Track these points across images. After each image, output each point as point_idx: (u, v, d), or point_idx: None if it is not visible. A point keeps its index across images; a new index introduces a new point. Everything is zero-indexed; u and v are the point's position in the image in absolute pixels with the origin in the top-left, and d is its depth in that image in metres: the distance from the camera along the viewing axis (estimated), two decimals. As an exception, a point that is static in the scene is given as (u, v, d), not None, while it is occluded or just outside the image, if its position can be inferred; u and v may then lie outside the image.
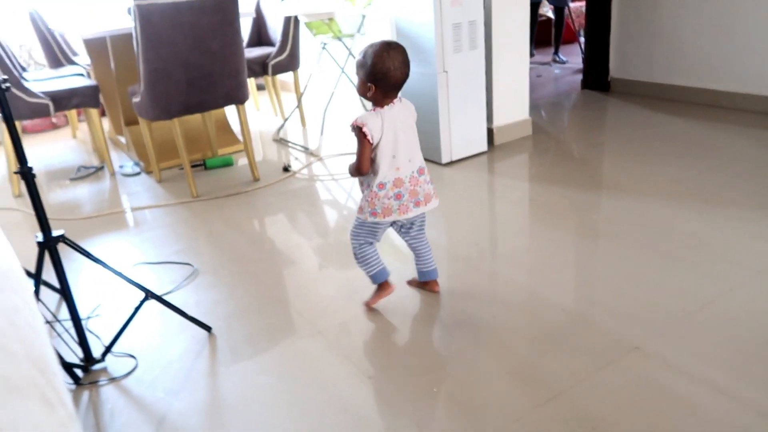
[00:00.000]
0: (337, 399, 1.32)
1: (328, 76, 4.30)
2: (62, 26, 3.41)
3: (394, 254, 2.00)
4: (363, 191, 1.59)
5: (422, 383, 1.34)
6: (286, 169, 2.95)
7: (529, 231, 2.09)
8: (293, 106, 3.90)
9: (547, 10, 5.99)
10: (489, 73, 2.91)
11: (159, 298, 1.52)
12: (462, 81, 2.72)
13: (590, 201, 2.26)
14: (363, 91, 1.51)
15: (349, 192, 2.61)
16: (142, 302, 1.50)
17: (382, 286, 1.67)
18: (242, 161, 3.18)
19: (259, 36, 3.91)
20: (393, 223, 1.65)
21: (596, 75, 3.95)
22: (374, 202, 1.54)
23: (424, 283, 1.74)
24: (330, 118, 3.85)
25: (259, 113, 4.31)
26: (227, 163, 3.11)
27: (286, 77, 4.80)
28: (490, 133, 3.02)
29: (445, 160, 2.80)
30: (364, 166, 1.51)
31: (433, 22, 2.55)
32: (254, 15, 3.22)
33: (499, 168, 2.73)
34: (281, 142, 3.48)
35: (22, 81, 2.78)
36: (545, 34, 6.02)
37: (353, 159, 1.55)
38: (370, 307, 1.69)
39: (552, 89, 4.27)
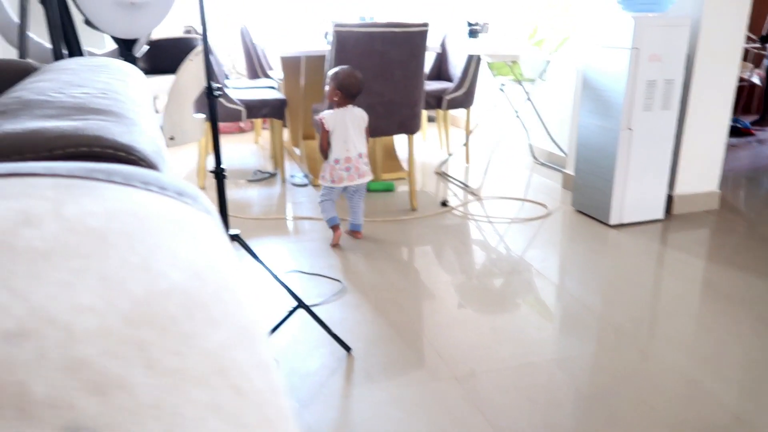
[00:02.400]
0: (464, 454, 1.25)
1: (500, 118, 4.27)
2: (265, 43, 3.76)
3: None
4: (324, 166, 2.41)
5: (559, 462, 1.22)
6: (444, 203, 2.95)
7: (698, 315, 1.86)
8: (460, 142, 3.92)
9: (752, 75, 5.43)
10: (678, 137, 2.68)
11: (309, 311, 1.57)
12: (647, 141, 2.53)
13: (784, 297, 1.96)
14: (331, 97, 2.35)
15: (502, 236, 2.53)
16: (293, 310, 1.56)
17: (334, 228, 2.42)
18: (402, 189, 3.24)
19: (440, 70, 4.00)
20: (345, 189, 2.42)
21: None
22: (332, 173, 2.37)
23: (353, 232, 2.51)
24: (496, 160, 3.81)
25: (425, 144, 4.40)
26: (388, 189, 3.19)
27: (458, 113, 4.85)
28: (669, 200, 2.77)
29: (613, 221, 2.61)
30: (323, 146, 2.37)
31: (626, 76, 2.41)
32: (439, 50, 3.29)
33: (674, 240, 2.49)
34: (443, 176, 3.50)
35: (224, 88, 3.10)
36: (747, 100, 5.46)
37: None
38: (334, 246, 2.41)
39: (750, 162, 3.84)
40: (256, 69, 4.26)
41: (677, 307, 1.93)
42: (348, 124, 2.33)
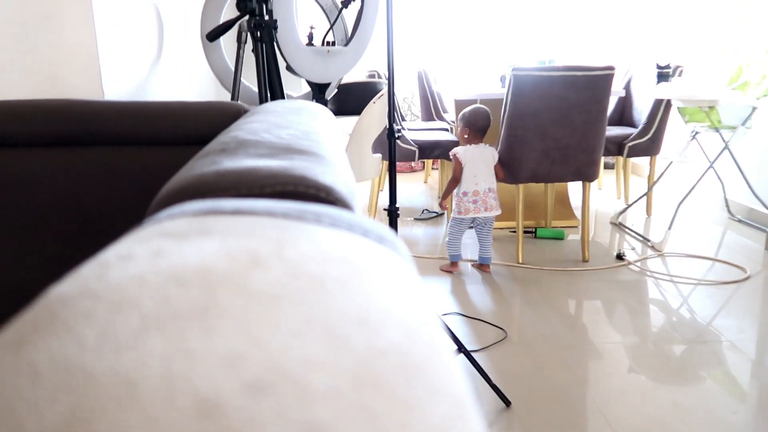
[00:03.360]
0: None
1: (690, 168, 3.90)
2: (441, 86, 3.87)
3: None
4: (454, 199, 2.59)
5: None
6: (620, 257, 2.74)
7: None
8: (640, 192, 3.64)
9: None
10: None
11: (470, 357, 1.53)
12: None
13: None
14: (461, 135, 2.60)
15: (686, 298, 2.26)
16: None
17: (453, 264, 2.60)
18: (572, 237, 3.07)
19: (622, 115, 3.78)
20: (474, 223, 2.57)
21: None
22: (459, 204, 2.54)
23: (480, 266, 2.61)
24: (683, 214, 3.47)
25: (600, 192, 4.15)
26: (558, 236, 3.05)
27: (641, 161, 4.53)
28: None
29: (832, 294, 2.21)
30: (455, 177, 2.56)
31: None
32: (623, 94, 3.11)
33: None
34: (619, 227, 3.26)
35: (401, 129, 3.22)
36: None
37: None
38: (444, 271, 2.60)
39: None
40: (431, 111, 4.39)
41: None
42: (478, 160, 2.53)
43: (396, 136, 1.45)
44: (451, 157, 2.59)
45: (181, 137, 1.07)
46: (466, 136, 2.58)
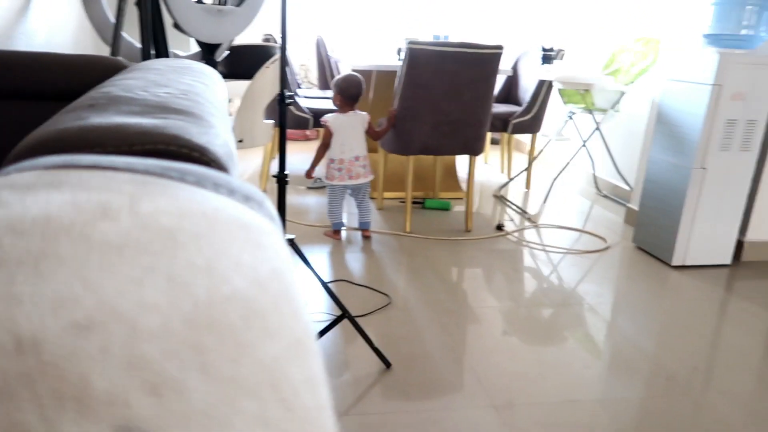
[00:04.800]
0: (498, 487, 1.22)
1: (566, 146, 4.19)
2: (339, 54, 3.84)
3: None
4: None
5: None
6: (499, 227, 2.91)
7: (759, 370, 1.75)
8: (522, 167, 3.86)
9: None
10: (756, 180, 2.55)
11: (354, 322, 1.58)
12: (721, 182, 2.42)
13: None
14: (334, 101, 2.60)
15: (556, 266, 2.46)
16: (338, 319, 1.57)
17: (336, 231, 2.66)
18: (458, 209, 3.22)
19: (509, 93, 3.96)
20: (349, 189, 2.64)
21: None
22: (327, 170, 2.61)
23: (361, 230, 2.70)
24: (557, 188, 3.73)
25: (486, 166, 4.36)
26: (444, 207, 3.17)
27: (524, 138, 4.79)
28: (739, 246, 2.63)
29: (676, 262, 2.50)
30: (324, 145, 2.60)
31: (705, 113, 2.32)
32: (510, 73, 3.26)
33: (741, 288, 2.36)
34: (501, 199, 3.46)
35: (296, 96, 3.17)
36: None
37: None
38: (326, 235, 2.66)
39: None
40: (327, 80, 4.35)
41: (737, 359, 1.82)
42: (347, 128, 2.57)
43: (287, 102, 1.44)
44: (322, 124, 2.62)
45: (50, 92, 0.99)
46: (338, 103, 2.60)
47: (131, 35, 2.07)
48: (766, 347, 1.91)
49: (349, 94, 2.57)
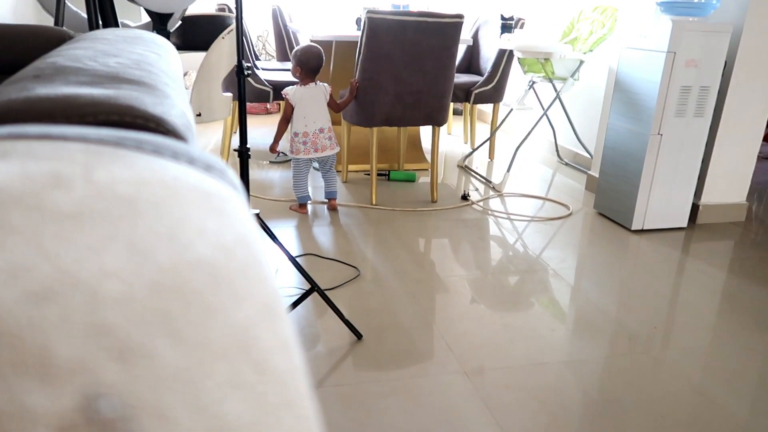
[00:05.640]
0: (469, 449, 1.25)
1: (528, 115, 4.22)
2: (297, 25, 3.76)
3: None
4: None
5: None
6: (464, 197, 2.93)
7: (715, 327, 1.83)
8: (485, 137, 3.89)
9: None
10: (709, 145, 2.63)
11: (323, 295, 1.58)
12: (676, 147, 2.48)
13: (807, 316, 1.92)
14: (293, 73, 2.52)
15: (521, 234, 2.51)
16: (307, 293, 1.56)
17: (302, 206, 2.63)
18: (423, 180, 3.23)
19: (470, 63, 3.96)
20: (315, 162, 2.64)
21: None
22: (291, 145, 2.56)
23: (328, 201, 2.69)
24: (520, 157, 3.77)
25: (449, 137, 4.37)
26: (410, 179, 3.18)
27: (486, 108, 4.81)
28: (694, 209, 2.72)
29: (635, 226, 2.57)
30: (285, 119, 2.54)
31: (660, 80, 2.36)
32: (471, 42, 3.26)
33: (696, 250, 2.44)
34: (465, 169, 3.48)
35: (255, 69, 3.10)
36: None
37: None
38: (291, 209, 2.65)
39: (778, 176, 3.74)
40: (286, 51, 4.26)
41: (694, 317, 1.90)
42: (308, 100, 2.52)
43: (245, 73, 1.40)
44: (283, 96, 2.56)
45: (-8, 64, 0.94)
46: (298, 75, 2.54)
47: (76, 5, 1.98)
48: (720, 305, 1.99)
49: (309, 66, 2.51)
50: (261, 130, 4.27)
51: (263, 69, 3.68)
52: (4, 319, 0.12)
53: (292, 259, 1.58)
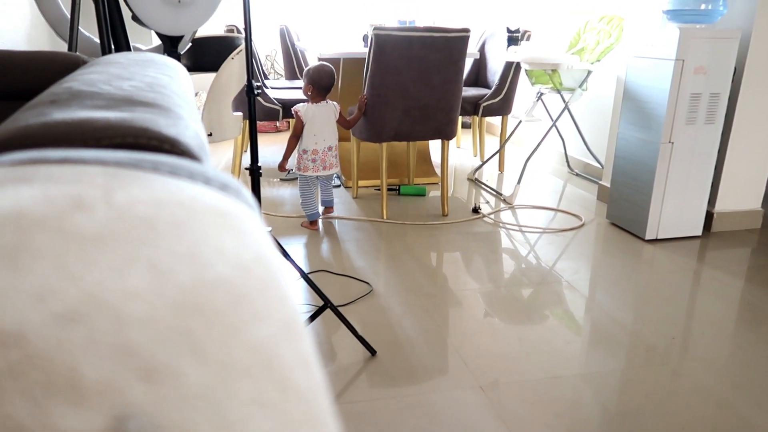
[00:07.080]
0: (487, 465, 1.23)
1: (537, 127, 4.22)
2: (305, 44, 3.80)
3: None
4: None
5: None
6: (475, 210, 2.93)
7: (733, 336, 1.80)
8: (494, 150, 3.89)
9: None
10: (722, 152, 2.61)
11: (336, 311, 1.58)
12: (688, 155, 2.47)
13: (828, 323, 1.88)
14: (305, 91, 2.55)
15: (533, 246, 2.49)
16: (321, 310, 1.56)
17: (313, 223, 2.64)
18: (434, 193, 3.23)
19: (477, 76, 3.97)
20: (318, 179, 2.63)
21: None
22: (299, 162, 2.56)
23: (325, 209, 2.79)
24: (531, 169, 3.77)
25: (459, 150, 4.37)
26: (420, 193, 3.18)
27: (494, 120, 4.81)
28: (708, 217, 2.69)
29: (649, 236, 2.55)
30: (296, 134, 2.55)
31: (669, 88, 2.36)
32: (478, 56, 3.27)
33: (712, 258, 2.42)
34: (475, 182, 3.48)
35: (264, 88, 3.13)
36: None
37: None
38: (303, 226, 2.65)
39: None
40: (294, 69, 4.30)
41: (712, 327, 1.87)
42: (319, 118, 2.54)
43: (255, 92, 1.41)
44: (293, 113, 2.58)
45: (6, 92, 0.96)
46: (309, 93, 2.56)
47: (89, 30, 2.02)
48: (738, 314, 1.96)
49: (321, 84, 2.54)
50: (271, 148, 4.30)
51: (272, 87, 3.71)
52: (34, 342, 0.12)
53: (305, 276, 1.59)
